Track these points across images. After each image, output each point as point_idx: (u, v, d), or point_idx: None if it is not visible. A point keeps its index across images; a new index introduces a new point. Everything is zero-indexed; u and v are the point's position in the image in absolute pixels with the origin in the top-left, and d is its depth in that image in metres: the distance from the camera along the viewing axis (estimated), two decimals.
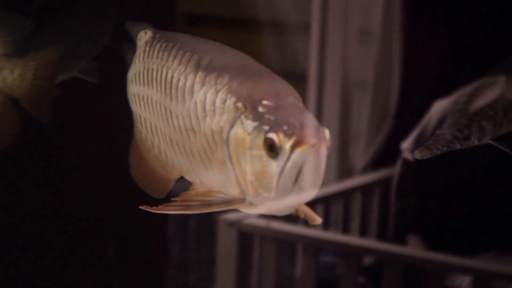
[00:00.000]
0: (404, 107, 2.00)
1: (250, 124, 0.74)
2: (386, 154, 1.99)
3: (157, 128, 0.84)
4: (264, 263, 1.56)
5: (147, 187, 0.87)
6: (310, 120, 0.73)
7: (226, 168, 0.76)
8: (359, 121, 2.05)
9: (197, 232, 1.82)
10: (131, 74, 0.87)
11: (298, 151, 0.72)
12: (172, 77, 0.81)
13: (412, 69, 1.94)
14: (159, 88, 0.82)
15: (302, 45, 2.04)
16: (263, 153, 0.73)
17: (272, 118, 0.73)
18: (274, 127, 0.72)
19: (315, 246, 1.53)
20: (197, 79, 0.78)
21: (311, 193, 0.74)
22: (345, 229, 1.87)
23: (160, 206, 0.78)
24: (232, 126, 0.75)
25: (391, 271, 1.41)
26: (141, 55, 0.86)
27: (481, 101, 0.93)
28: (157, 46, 0.84)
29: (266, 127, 0.73)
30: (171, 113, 0.81)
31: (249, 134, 0.74)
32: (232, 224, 1.55)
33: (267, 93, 0.75)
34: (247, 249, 1.59)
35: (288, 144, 0.72)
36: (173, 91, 0.80)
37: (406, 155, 1.77)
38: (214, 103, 0.76)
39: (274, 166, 0.73)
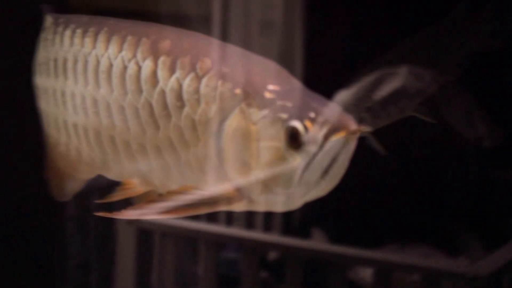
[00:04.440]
0: None
1: (256, 113, 0.66)
2: None
3: (68, 123, 0.75)
4: (164, 260, 1.53)
5: (54, 187, 0.79)
6: (332, 104, 0.67)
7: (211, 164, 0.68)
8: None
9: (97, 230, 1.77)
10: (35, 66, 0.78)
11: (334, 139, 0.65)
12: (111, 65, 0.71)
13: (314, 60, 1.93)
14: (82, 79, 0.73)
15: None
16: (280, 144, 0.65)
17: (289, 104, 0.65)
18: (296, 115, 0.65)
19: (216, 242, 1.50)
20: (160, 65, 0.69)
21: (333, 185, 0.67)
22: (249, 225, 1.85)
23: (135, 212, 0.69)
24: (227, 116, 0.67)
25: (293, 265, 1.39)
26: (45, 43, 0.77)
27: (382, 91, 0.92)
28: (67, 33, 0.75)
29: (283, 115, 0.65)
30: (108, 105, 0.71)
31: (254, 124, 0.66)
32: (131, 221, 1.51)
33: (268, 76, 0.67)
34: (148, 246, 1.56)
35: (321, 132, 0.65)
36: (115, 81, 0.71)
37: None
38: (197, 91, 0.67)
39: (297, 157, 0.65)
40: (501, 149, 1.26)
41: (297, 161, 0.65)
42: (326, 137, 0.65)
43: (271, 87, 0.66)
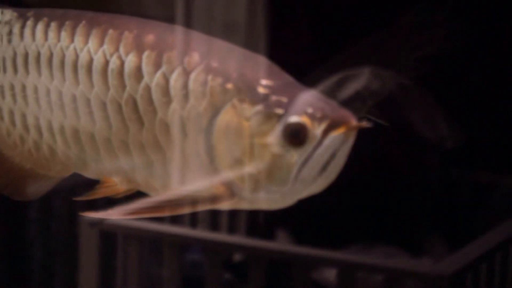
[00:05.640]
0: None
1: (248, 109, 0.63)
2: None
3: (41, 121, 0.72)
4: (128, 263, 1.52)
5: (7, 187, 0.76)
6: (329, 99, 0.65)
7: (199, 162, 0.65)
8: None
9: (60, 233, 1.76)
10: None
11: (333, 134, 0.63)
12: (92, 60, 0.68)
13: (277, 61, 1.93)
14: (58, 74, 0.70)
15: None
16: (276, 140, 0.63)
17: (284, 99, 0.63)
18: (293, 110, 0.63)
19: (180, 244, 1.50)
20: (145, 60, 0.66)
21: (329, 182, 0.65)
22: (214, 226, 1.84)
23: (119, 211, 0.66)
24: (218, 112, 0.64)
25: (257, 266, 1.39)
26: (4, 38, 0.73)
27: (344, 92, 0.91)
28: (40, 26, 0.72)
29: (279, 111, 0.63)
30: (88, 101, 0.69)
31: (247, 120, 0.63)
32: (94, 224, 1.50)
33: (260, 71, 0.65)
34: (111, 249, 1.55)
35: (320, 128, 0.63)
36: (96, 76, 0.68)
37: None
38: (185, 86, 0.65)
39: (294, 154, 0.63)
40: (464, 149, 1.27)
41: (294, 158, 0.63)
42: (325, 132, 0.63)
43: (264, 82, 0.64)
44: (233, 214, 1.88)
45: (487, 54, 1.88)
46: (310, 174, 0.64)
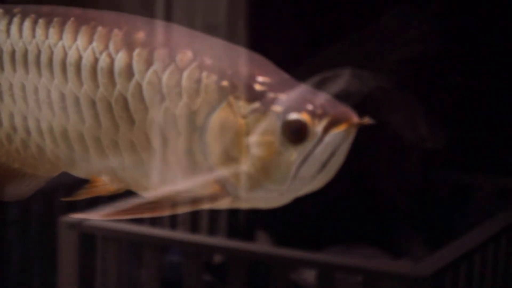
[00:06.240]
0: None
1: (244, 106, 0.62)
2: None
3: (28, 119, 0.71)
4: (107, 265, 1.51)
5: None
6: (328, 96, 0.63)
7: (193, 160, 0.64)
8: None
9: (39, 235, 1.75)
10: None
11: (334, 132, 0.62)
12: (81, 57, 0.67)
13: None
14: (47, 72, 0.68)
15: None
16: (275, 138, 0.62)
17: (282, 96, 0.62)
18: (293, 107, 0.62)
19: (160, 246, 1.49)
20: (135, 58, 0.65)
21: (328, 179, 0.64)
22: (194, 228, 1.84)
23: (111, 212, 0.64)
24: (213, 110, 0.63)
25: (236, 267, 1.39)
26: None
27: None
28: (27, 23, 0.70)
29: (278, 108, 0.62)
30: (76, 100, 0.67)
31: (244, 117, 0.62)
32: (73, 226, 1.49)
33: (256, 67, 0.63)
34: (90, 251, 1.54)
35: (320, 126, 0.61)
36: (85, 74, 0.67)
37: None
38: (178, 84, 0.64)
39: (293, 152, 0.62)
40: (443, 151, 1.27)
41: (293, 156, 0.62)
42: (326, 130, 0.62)
43: (260, 78, 0.63)
44: (213, 216, 1.87)
45: (465, 55, 1.89)
46: (310, 172, 0.63)
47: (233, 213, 1.89)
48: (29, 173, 0.74)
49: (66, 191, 1.65)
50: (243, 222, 1.91)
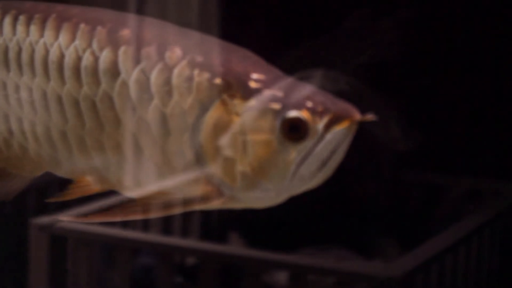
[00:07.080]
0: None
1: (240, 104, 0.60)
2: None
3: (10, 118, 0.69)
4: (79, 267, 1.50)
5: None
6: (326, 93, 0.62)
7: (182, 161, 0.62)
8: None
9: (9, 237, 1.74)
10: None
11: (336, 129, 0.61)
12: (63, 55, 0.65)
13: None
14: (28, 70, 0.67)
15: None
16: (273, 137, 0.60)
17: (279, 93, 0.61)
18: (292, 105, 0.60)
19: (132, 248, 1.49)
20: (121, 56, 0.63)
21: (326, 177, 0.63)
22: (167, 230, 1.83)
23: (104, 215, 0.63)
24: (206, 109, 0.61)
25: (208, 269, 1.39)
26: None
27: None
28: (8, 19, 0.68)
29: (275, 106, 0.60)
30: (59, 98, 0.66)
31: (239, 116, 0.61)
32: (44, 228, 1.48)
33: (249, 64, 0.62)
34: (61, 253, 1.53)
35: (321, 123, 0.60)
36: (67, 72, 0.65)
37: None
38: (168, 83, 0.62)
39: (292, 151, 0.61)
40: (415, 151, 1.27)
41: (292, 154, 0.61)
42: (327, 127, 0.61)
43: (254, 75, 0.61)
44: (186, 217, 1.87)
45: (437, 57, 1.89)
46: (309, 171, 0.62)
47: (206, 215, 1.88)
48: (13, 173, 0.72)
49: (38, 192, 1.65)
50: (216, 224, 1.90)
